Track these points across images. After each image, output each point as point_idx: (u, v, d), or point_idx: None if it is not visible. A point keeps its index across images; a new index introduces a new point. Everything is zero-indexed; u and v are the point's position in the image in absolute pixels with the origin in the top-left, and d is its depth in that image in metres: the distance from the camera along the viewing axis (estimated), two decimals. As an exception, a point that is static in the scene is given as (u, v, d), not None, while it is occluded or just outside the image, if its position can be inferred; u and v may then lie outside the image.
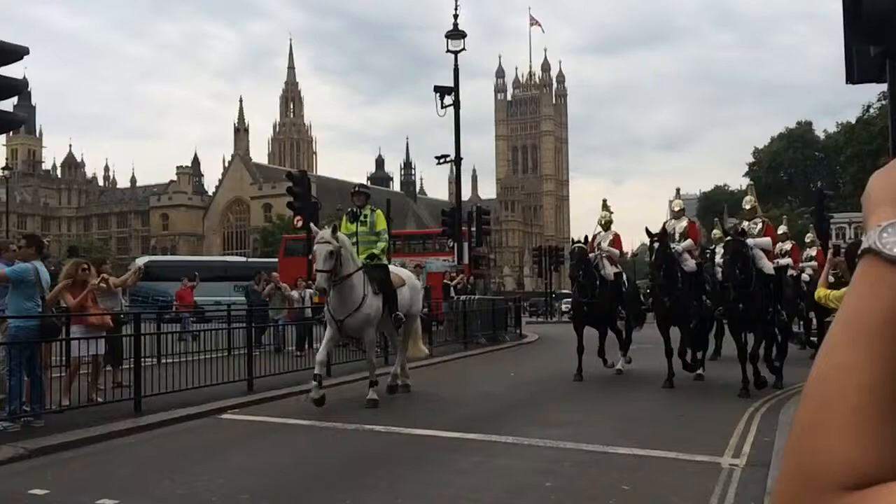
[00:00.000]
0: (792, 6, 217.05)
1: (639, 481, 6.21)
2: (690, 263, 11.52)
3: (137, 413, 8.84)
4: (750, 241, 10.53)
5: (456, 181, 25.72)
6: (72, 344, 9.19)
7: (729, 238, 10.54)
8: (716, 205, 70.70)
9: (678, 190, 12.77)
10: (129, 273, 13.22)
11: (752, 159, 79.15)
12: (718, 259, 12.38)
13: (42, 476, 6.28)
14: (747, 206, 12.01)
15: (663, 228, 11.59)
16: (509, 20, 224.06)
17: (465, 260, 24.84)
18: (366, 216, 10.26)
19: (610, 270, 12.62)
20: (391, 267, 11.14)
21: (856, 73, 4.52)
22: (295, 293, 18.05)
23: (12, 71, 7.69)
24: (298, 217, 19.71)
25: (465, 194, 35.12)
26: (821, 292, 7.11)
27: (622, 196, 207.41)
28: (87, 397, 9.15)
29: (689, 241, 11.85)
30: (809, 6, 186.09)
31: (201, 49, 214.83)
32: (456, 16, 23.53)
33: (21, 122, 8.98)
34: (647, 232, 11.35)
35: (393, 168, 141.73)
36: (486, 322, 20.78)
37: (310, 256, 19.94)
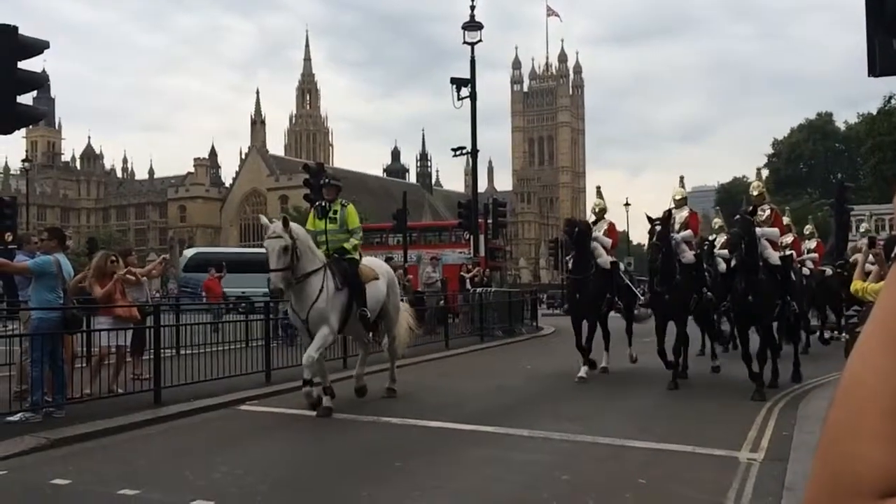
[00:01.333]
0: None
1: (655, 475, 6.19)
2: (689, 255, 11.03)
3: (157, 404, 8.93)
4: (758, 230, 10.06)
5: (472, 173, 25.68)
6: (100, 334, 9.30)
7: (738, 216, 10.11)
8: (735, 197, 69.97)
9: (682, 178, 12.50)
10: (154, 264, 13.36)
11: (771, 150, 78.47)
12: (718, 250, 12.10)
13: (64, 466, 6.36)
14: (755, 193, 11.59)
15: (667, 212, 11.12)
16: (526, 10, 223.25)
17: (482, 252, 24.83)
18: (336, 212, 9.19)
19: (606, 259, 11.98)
20: (367, 259, 10.30)
21: (878, 66, 4.46)
22: None
23: (32, 65, 7.80)
24: (315, 209, 19.76)
25: (482, 186, 35.17)
26: (857, 285, 7.00)
27: (640, 188, 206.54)
28: (108, 388, 9.25)
29: (688, 232, 11.38)
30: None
31: (218, 41, 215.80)
32: (473, 7, 23.44)
33: (41, 116, 9.08)
34: (648, 218, 10.87)
35: (409, 160, 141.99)
36: (502, 314, 20.77)
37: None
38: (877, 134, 54.27)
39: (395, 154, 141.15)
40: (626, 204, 53.43)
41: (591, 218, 12.81)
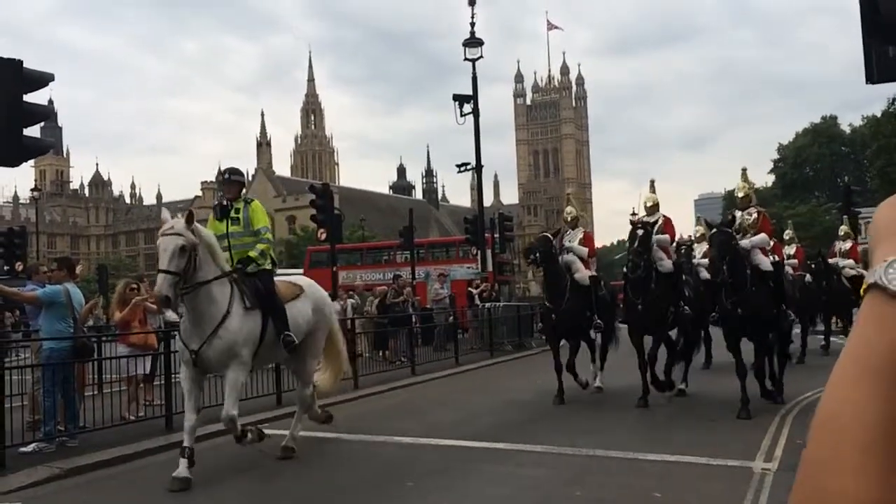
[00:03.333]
0: (811, 1, 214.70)
1: (670, 488, 6.16)
2: (666, 264, 10.16)
3: (169, 430, 8.94)
4: (744, 242, 9.32)
5: (477, 189, 25.73)
6: (125, 361, 9.62)
7: (714, 230, 9.23)
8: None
9: (652, 182, 11.17)
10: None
11: (776, 156, 78.31)
12: (700, 259, 11.75)
13: (78, 496, 6.39)
14: (740, 195, 10.45)
15: (640, 221, 10.31)
16: (527, 24, 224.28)
17: (489, 267, 24.83)
18: (238, 210, 7.49)
19: (584, 274, 10.95)
20: (293, 277, 9.02)
21: (875, 73, 4.48)
22: (337, 304, 18.08)
23: (39, 95, 7.89)
24: (322, 230, 19.86)
25: (487, 200, 35.33)
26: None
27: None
28: (120, 416, 9.28)
29: (663, 236, 10.38)
30: (828, 1, 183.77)
31: (221, 64, 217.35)
32: (473, 24, 23.59)
33: (48, 149, 9.18)
34: (632, 222, 10.15)
35: (415, 176, 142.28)
36: (511, 329, 20.72)
37: (334, 267, 20.24)
38: (882, 136, 54.11)
39: (401, 171, 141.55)
40: (633, 213, 53.25)
41: (563, 228, 11.61)
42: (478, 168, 23.67)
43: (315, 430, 9.02)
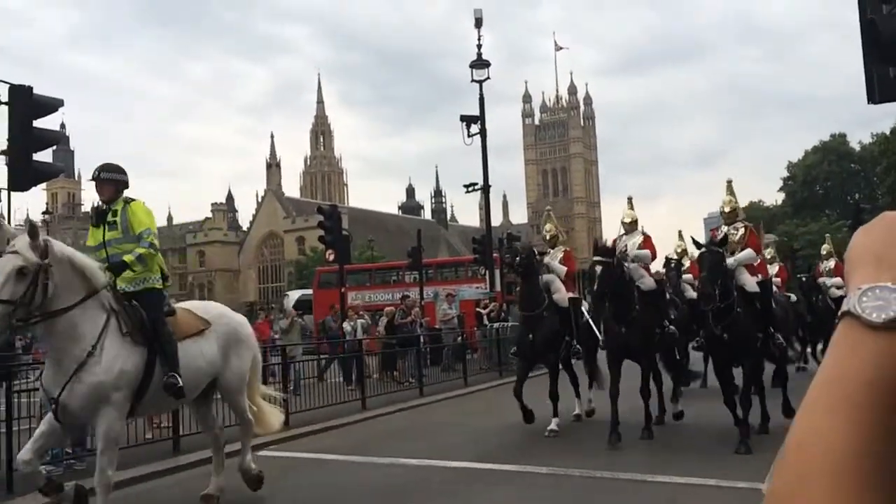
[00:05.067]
0: (817, 17, 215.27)
1: (678, 511, 6.10)
2: (648, 281, 9.43)
3: (176, 452, 8.95)
4: (729, 260, 8.43)
5: (485, 209, 25.78)
6: None
7: (703, 250, 8.28)
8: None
9: (630, 199, 10.65)
10: None
11: (786, 173, 78.16)
12: (686, 276, 11.28)
13: (84, 519, 6.36)
14: (727, 209, 9.46)
15: (610, 245, 9.39)
16: (534, 44, 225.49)
17: (498, 287, 24.81)
18: (116, 213, 6.22)
19: (564, 295, 10.18)
20: (196, 303, 7.72)
21: (877, 94, 4.49)
22: (347, 325, 18.14)
23: (51, 119, 8.01)
24: (331, 251, 19.92)
25: (496, 220, 35.43)
26: None
27: (656, 214, 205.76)
28: (126, 438, 9.28)
29: (643, 252, 9.68)
30: (835, 16, 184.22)
31: (231, 87, 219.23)
32: (479, 45, 23.76)
33: (57, 173, 9.27)
34: (595, 248, 9.29)
35: (423, 196, 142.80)
36: (520, 349, 20.61)
37: (342, 289, 20.27)
38: (892, 154, 53.97)
39: (410, 191, 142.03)
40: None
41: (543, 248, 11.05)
42: (485, 188, 23.75)
43: (323, 452, 9.01)
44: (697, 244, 8.67)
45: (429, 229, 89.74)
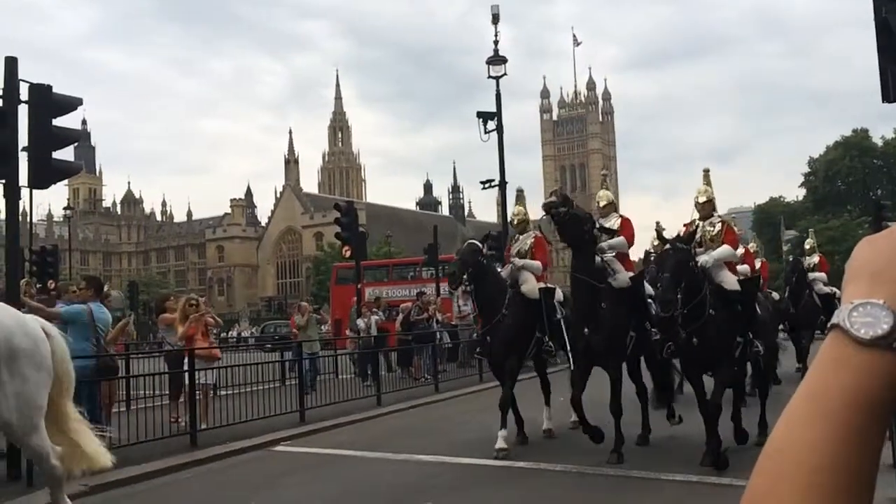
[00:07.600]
0: (838, 12, 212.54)
1: (690, 509, 6.09)
2: (622, 276, 8.18)
3: (193, 447, 9.05)
4: (703, 257, 7.53)
5: (502, 205, 25.75)
6: (198, 373, 9.97)
7: (668, 247, 7.28)
8: (772, 217, 68.98)
9: (604, 177, 10.27)
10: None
11: (807, 169, 77.36)
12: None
13: (102, 512, 6.46)
14: (702, 200, 8.22)
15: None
16: (552, 39, 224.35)
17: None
18: None
19: (533, 286, 8.88)
20: None
21: (892, 92, 4.46)
22: (361, 322, 18.23)
23: (72, 117, 8.11)
24: (347, 247, 20.01)
25: (513, 217, 35.15)
26: None
27: (674, 210, 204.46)
28: (145, 433, 9.40)
29: (618, 239, 8.46)
30: (856, 10, 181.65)
31: (250, 84, 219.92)
32: (496, 41, 23.69)
33: (76, 171, 9.39)
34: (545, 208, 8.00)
35: (441, 192, 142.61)
36: (536, 345, 20.56)
37: (359, 284, 20.35)
38: (914, 148, 53.28)
39: (428, 187, 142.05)
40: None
41: (512, 234, 9.90)
42: (502, 184, 23.71)
43: (338, 447, 9.06)
44: (662, 239, 7.80)
45: (446, 225, 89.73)
